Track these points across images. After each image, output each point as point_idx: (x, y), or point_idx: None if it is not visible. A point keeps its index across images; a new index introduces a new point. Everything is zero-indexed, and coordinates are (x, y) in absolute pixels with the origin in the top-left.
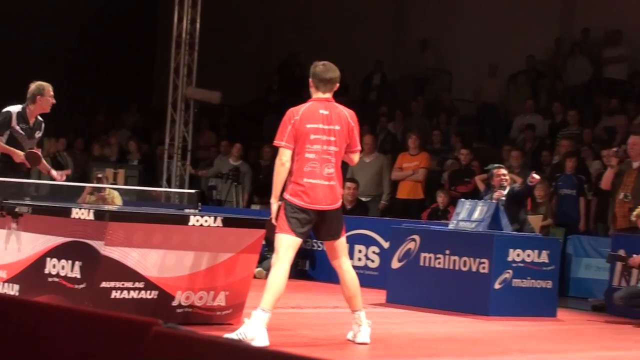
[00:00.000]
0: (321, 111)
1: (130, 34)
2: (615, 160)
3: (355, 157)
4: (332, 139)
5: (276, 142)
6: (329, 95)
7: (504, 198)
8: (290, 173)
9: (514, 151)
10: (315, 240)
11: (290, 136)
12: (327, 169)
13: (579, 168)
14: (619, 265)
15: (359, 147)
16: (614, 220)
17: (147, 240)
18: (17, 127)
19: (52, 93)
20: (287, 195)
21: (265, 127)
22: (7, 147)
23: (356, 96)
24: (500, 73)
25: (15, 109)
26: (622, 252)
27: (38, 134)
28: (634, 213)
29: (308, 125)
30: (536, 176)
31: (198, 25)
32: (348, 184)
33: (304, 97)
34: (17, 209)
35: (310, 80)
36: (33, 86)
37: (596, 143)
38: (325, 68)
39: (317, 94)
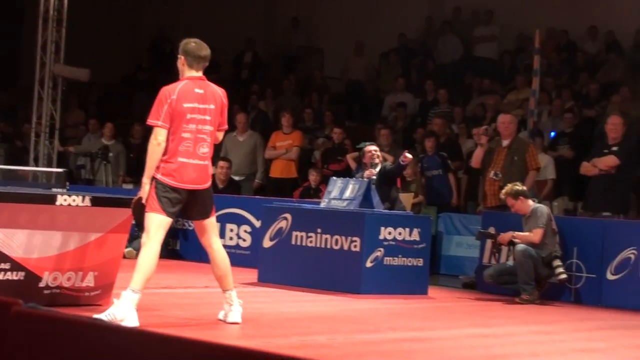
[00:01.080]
0: (196, 90)
1: None
2: (485, 138)
3: (220, 136)
4: (207, 118)
5: (151, 122)
6: (201, 73)
7: (374, 177)
8: (163, 152)
9: (383, 129)
10: (185, 220)
11: (167, 115)
12: (201, 148)
13: (444, 146)
14: (488, 243)
15: (226, 126)
16: (484, 199)
17: (13, 220)
18: None
19: None
20: (158, 175)
21: (135, 105)
22: None
23: (227, 74)
24: (371, 51)
25: None
26: (491, 230)
27: None
28: (503, 191)
29: (185, 105)
30: (409, 155)
31: (66, 1)
32: (221, 162)
33: (174, 74)
34: None
35: (182, 57)
36: None
37: (468, 121)
38: (198, 45)
39: (190, 72)
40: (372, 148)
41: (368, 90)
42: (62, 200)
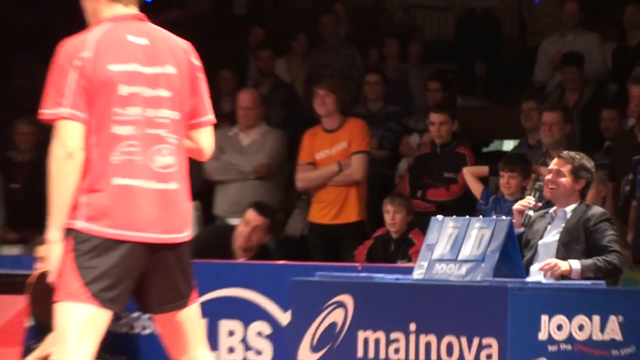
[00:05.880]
0: (133, 39)
1: None
2: None
3: (205, 138)
4: (164, 94)
5: (48, 112)
6: (134, 9)
7: (531, 213)
8: (83, 172)
9: (548, 112)
10: (138, 315)
11: (79, 95)
12: (159, 156)
13: None
14: None
15: (211, 116)
16: None
17: None
18: None
19: None
20: (77, 222)
21: (15, 78)
22: None
23: (204, 9)
24: None
25: None
26: None
27: None
28: None
29: (112, 68)
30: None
31: None
32: (251, 215)
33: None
34: None
35: None
36: None
37: None
38: None
39: (111, 9)
40: (556, 166)
41: (504, 31)
42: None
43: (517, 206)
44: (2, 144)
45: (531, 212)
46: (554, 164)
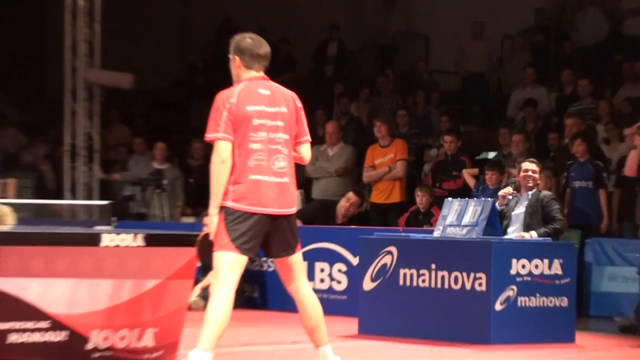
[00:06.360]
0: (261, 91)
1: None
2: None
3: (305, 150)
4: (280, 124)
5: (210, 136)
6: (262, 73)
7: (510, 196)
8: (230, 172)
9: (517, 134)
10: (264, 259)
11: (228, 125)
12: (277, 162)
13: (594, 152)
14: None
15: (309, 137)
16: None
17: (50, 267)
18: None
19: None
20: (227, 202)
21: (192, 116)
22: None
23: (306, 72)
24: (490, 34)
25: None
26: None
27: None
28: None
29: (249, 108)
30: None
31: None
32: (350, 195)
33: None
34: None
35: (237, 58)
36: None
37: (618, 119)
38: (255, 42)
39: (248, 74)
40: (532, 167)
41: (490, 86)
42: (108, 240)
43: (501, 192)
44: (184, 155)
45: (510, 196)
46: (529, 166)
